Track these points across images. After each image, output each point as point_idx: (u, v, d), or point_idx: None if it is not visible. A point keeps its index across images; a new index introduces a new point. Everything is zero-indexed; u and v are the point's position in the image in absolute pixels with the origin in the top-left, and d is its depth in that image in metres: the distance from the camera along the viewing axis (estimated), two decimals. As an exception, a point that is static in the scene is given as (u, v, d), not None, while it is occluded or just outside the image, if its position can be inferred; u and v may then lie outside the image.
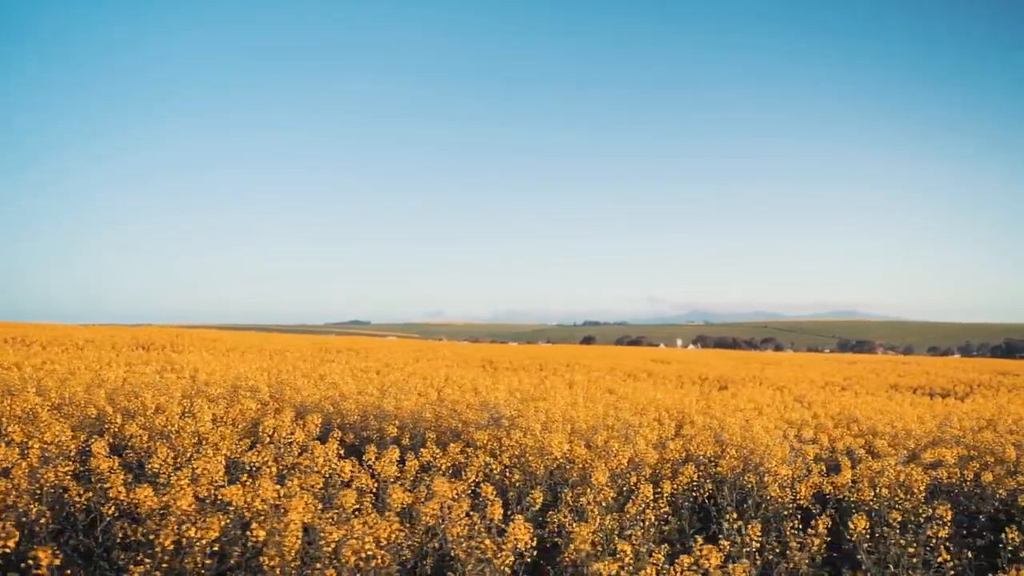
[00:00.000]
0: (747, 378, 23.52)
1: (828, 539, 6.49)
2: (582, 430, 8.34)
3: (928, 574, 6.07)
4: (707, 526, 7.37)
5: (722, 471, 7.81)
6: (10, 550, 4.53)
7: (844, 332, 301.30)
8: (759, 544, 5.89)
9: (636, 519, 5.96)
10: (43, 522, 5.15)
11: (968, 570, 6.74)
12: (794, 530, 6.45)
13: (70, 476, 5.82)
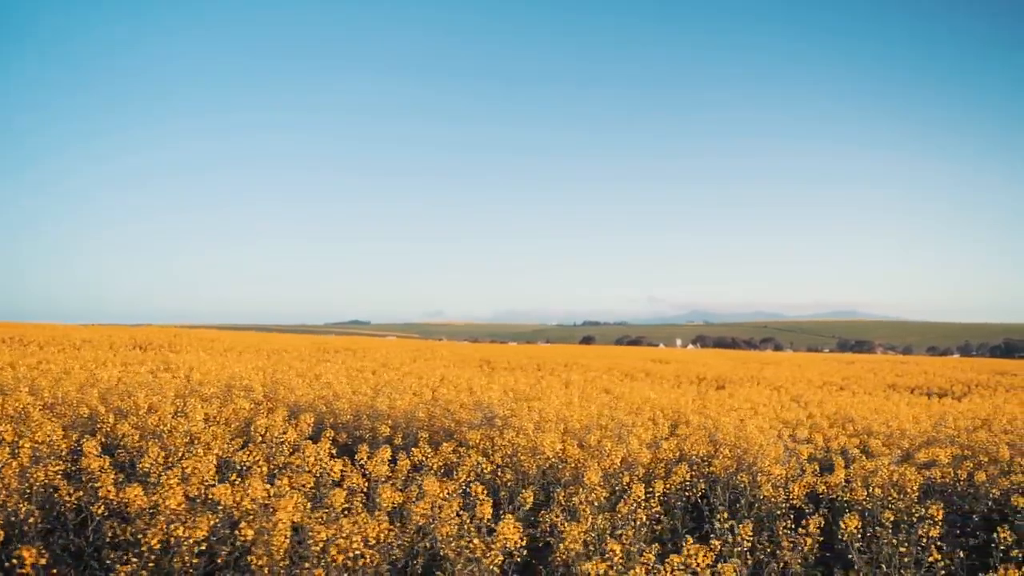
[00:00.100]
0: (745, 378, 23.50)
1: (821, 539, 6.49)
2: (576, 430, 8.33)
3: (920, 573, 6.07)
4: (700, 526, 7.36)
5: (715, 471, 7.81)
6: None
7: (844, 332, 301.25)
8: (750, 544, 5.88)
9: (627, 519, 5.95)
10: (31, 521, 5.14)
11: (960, 569, 6.73)
12: (787, 530, 6.45)
13: (60, 475, 5.82)
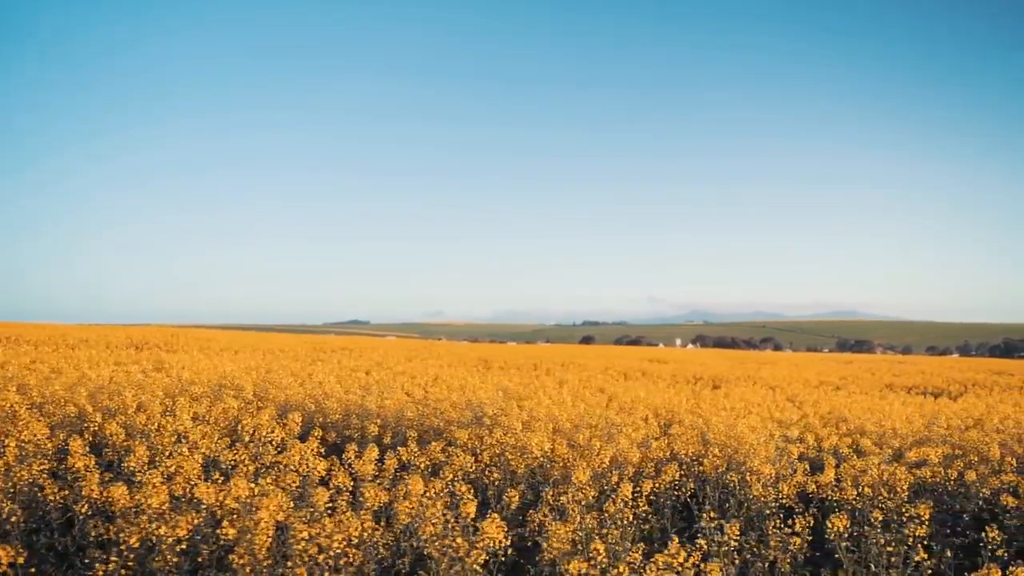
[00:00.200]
0: (742, 377, 23.49)
1: (810, 538, 6.48)
2: (566, 429, 8.31)
3: (907, 573, 6.06)
4: (690, 525, 7.35)
5: (705, 470, 7.79)
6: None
7: (844, 332, 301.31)
8: (737, 543, 5.87)
9: (614, 518, 5.93)
10: (14, 520, 5.13)
11: (949, 569, 6.73)
12: (776, 529, 6.43)
13: (46, 474, 5.81)
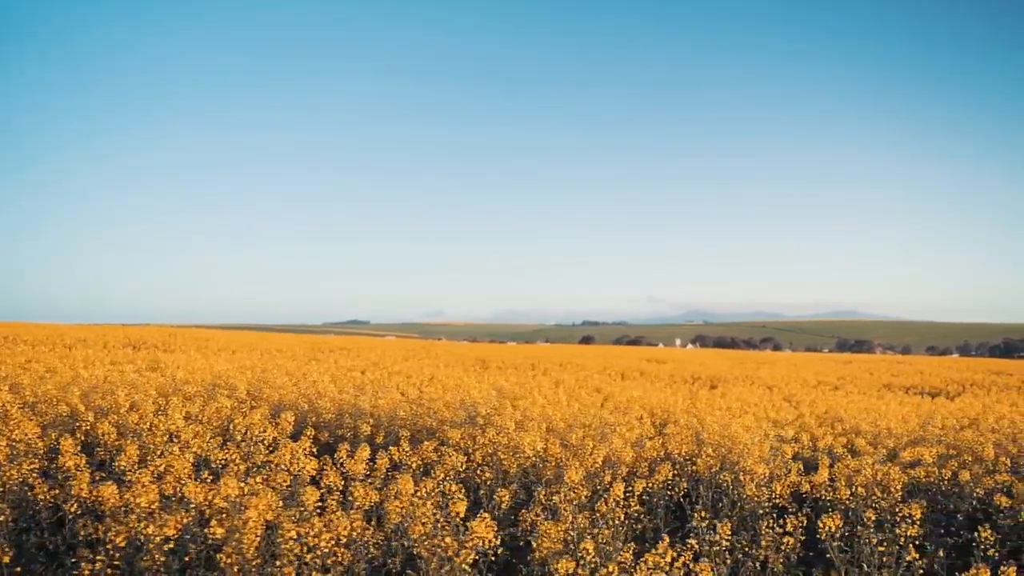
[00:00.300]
0: (740, 377, 23.48)
1: (803, 538, 6.47)
2: (559, 429, 8.29)
3: (899, 573, 6.05)
4: (684, 525, 7.34)
5: (699, 470, 7.78)
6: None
7: (844, 332, 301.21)
8: (729, 543, 5.86)
9: (605, 517, 5.92)
10: (3, 519, 5.12)
11: (941, 569, 6.72)
12: (769, 529, 6.42)
13: (37, 474, 5.80)
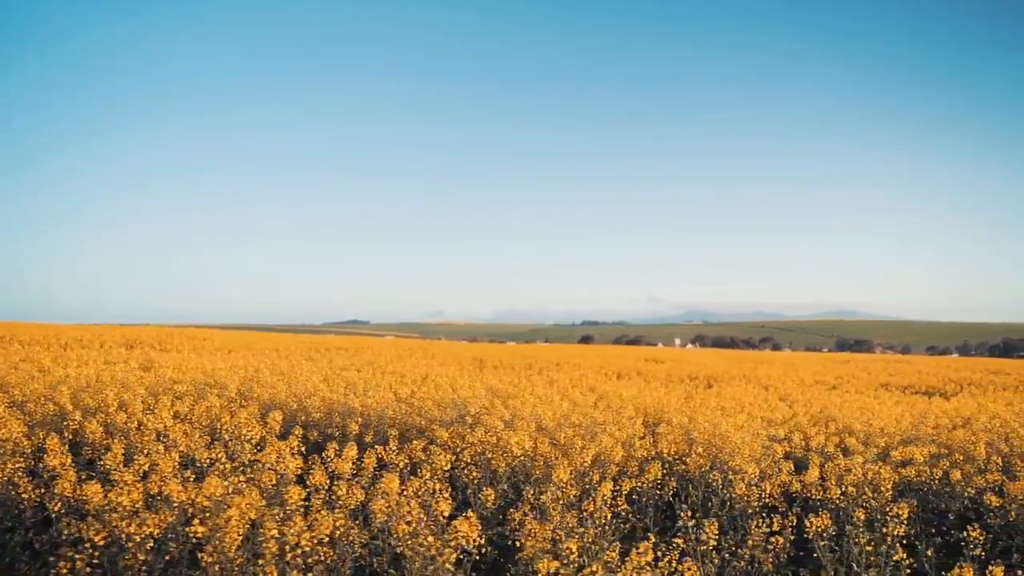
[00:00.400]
0: (737, 377, 23.47)
1: (792, 538, 6.46)
2: (550, 428, 8.28)
3: (887, 572, 6.04)
4: (673, 524, 7.32)
5: (689, 469, 7.76)
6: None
7: (844, 332, 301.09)
8: (716, 542, 5.85)
9: (592, 517, 5.91)
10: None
11: (930, 568, 6.70)
12: (759, 528, 6.40)
13: (23, 473, 5.78)
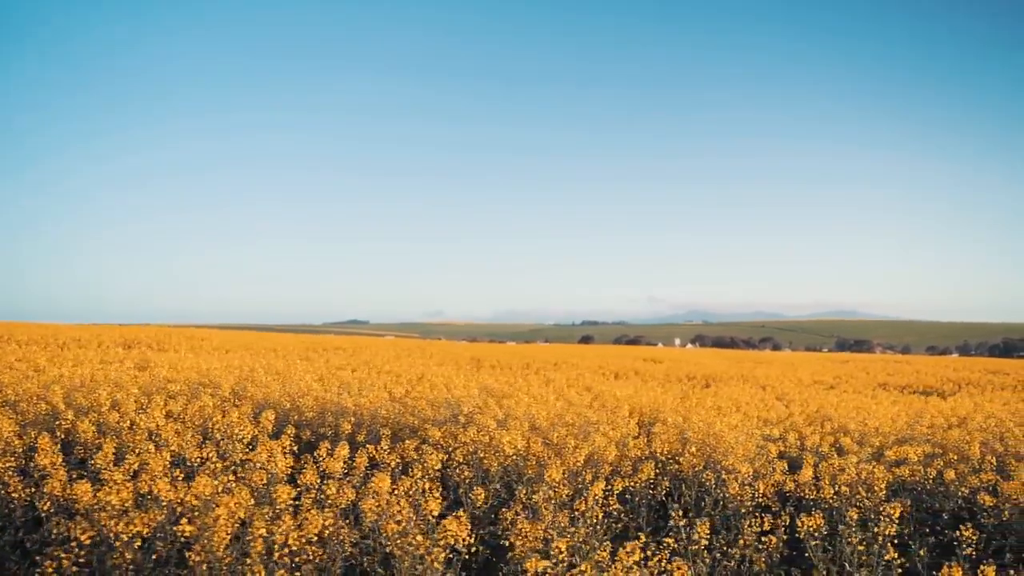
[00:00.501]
0: (735, 377, 23.46)
1: (785, 538, 6.45)
2: (544, 428, 8.27)
3: (879, 572, 6.03)
4: (666, 524, 7.31)
5: (683, 468, 7.75)
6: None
7: (844, 332, 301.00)
8: (707, 542, 5.83)
9: (584, 516, 5.90)
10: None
11: (923, 568, 6.70)
12: (751, 528, 6.39)
13: (12, 472, 5.78)
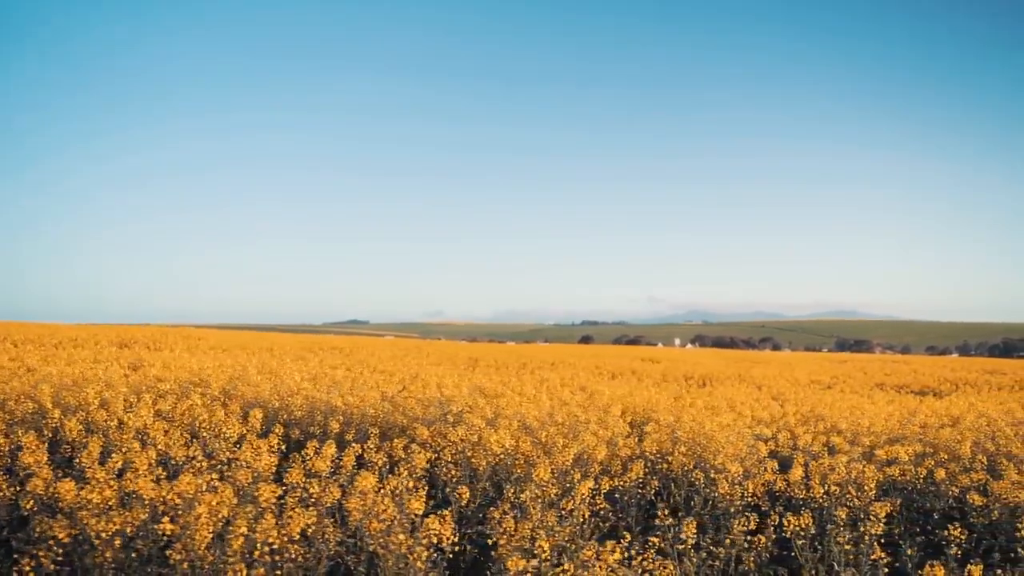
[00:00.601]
0: (732, 376, 23.45)
1: (774, 537, 6.43)
2: (534, 427, 8.26)
3: (867, 571, 6.02)
4: (654, 523, 7.30)
5: (673, 468, 7.74)
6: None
7: (843, 332, 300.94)
8: (695, 541, 5.82)
9: (571, 515, 5.88)
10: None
11: (912, 567, 6.68)
12: (740, 527, 6.38)
13: (-3, 471, 5.77)
